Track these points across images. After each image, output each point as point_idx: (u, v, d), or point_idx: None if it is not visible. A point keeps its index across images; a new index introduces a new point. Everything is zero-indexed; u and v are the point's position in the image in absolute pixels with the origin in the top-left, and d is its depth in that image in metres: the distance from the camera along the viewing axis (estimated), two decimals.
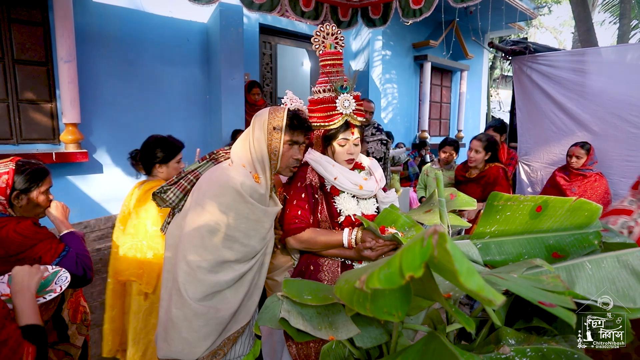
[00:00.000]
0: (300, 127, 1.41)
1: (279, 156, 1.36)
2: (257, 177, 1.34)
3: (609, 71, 3.30)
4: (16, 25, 3.17)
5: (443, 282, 0.85)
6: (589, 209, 0.90)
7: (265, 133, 1.35)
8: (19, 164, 1.43)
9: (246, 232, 1.28)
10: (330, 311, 0.93)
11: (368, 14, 3.83)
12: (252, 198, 1.29)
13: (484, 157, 2.91)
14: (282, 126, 1.35)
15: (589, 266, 0.86)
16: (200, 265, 1.22)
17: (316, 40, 1.58)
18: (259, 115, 1.39)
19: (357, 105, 1.52)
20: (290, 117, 1.38)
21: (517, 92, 4.09)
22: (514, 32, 8.23)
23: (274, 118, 1.36)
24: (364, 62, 5.79)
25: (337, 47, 1.58)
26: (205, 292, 1.22)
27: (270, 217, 1.38)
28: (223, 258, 1.24)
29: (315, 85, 1.57)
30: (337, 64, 1.56)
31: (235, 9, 4.03)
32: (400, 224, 1.37)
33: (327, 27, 1.57)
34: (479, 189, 2.90)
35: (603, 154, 3.24)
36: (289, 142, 1.39)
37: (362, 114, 1.54)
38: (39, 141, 3.37)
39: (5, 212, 1.40)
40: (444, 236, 0.48)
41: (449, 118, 7.82)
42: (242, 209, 1.27)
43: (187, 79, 4.21)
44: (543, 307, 0.61)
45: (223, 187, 1.26)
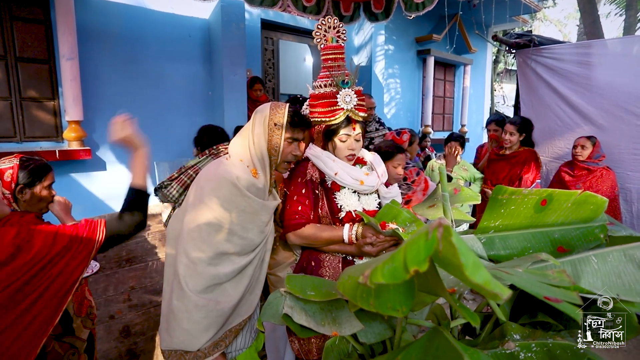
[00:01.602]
0: (301, 124, 1.41)
1: (280, 152, 1.37)
2: (255, 172, 1.35)
3: (615, 63, 3.25)
4: (18, 23, 3.17)
5: (447, 276, 0.84)
6: (595, 202, 0.89)
7: (266, 129, 1.35)
8: (23, 160, 1.49)
9: (244, 224, 1.29)
10: (334, 307, 0.93)
11: (370, 8, 3.79)
12: (249, 191, 1.30)
13: (519, 139, 3.08)
14: (284, 123, 1.35)
15: (594, 260, 0.84)
16: (200, 258, 1.23)
17: (317, 34, 1.55)
18: (259, 111, 1.39)
19: (358, 100, 1.50)
20: (292, 114, 1.38)
21: (522, 86, 4.05)
22: (518, 25, 8.14)
23: (275, 114, 1.36)
24: (366, 56, 5.75)
25: (339, 41, 1.56)
26: (205, 285, 1.24)
27: (268, 210, 1.39)
28: (222, 250, 1.26)
29: (317, 79, 1.55)
30: (339, 58, 1.54)
31: (236, 5, 4.01)
32: (401, 219, 1.36)
33: (328, 21, 1.55)
34: (507, 167, 3.10)
35: (610, 147, 3.20)
36: (289, 139, 1.39)
37: (364, 110, 1.52)
38: (42, 139, 3.38)
39: (10, 207, 1.43)
40: (449, 229, 0.47)
41: (452, 113, 7.77)
42: (238, 202, 1.28)
43: (189, 75, 4.21)
44: (549, 302, 0.60)
45: (220, 180, 1.28)
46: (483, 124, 8.34)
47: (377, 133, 3.47)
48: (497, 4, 4.70)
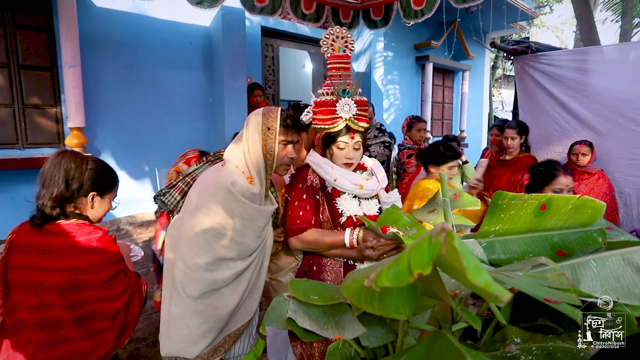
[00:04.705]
0: (295, 126, 1.43)
1: (275, 156, 1.38)
2: (250, 178, 1.36)
3: (612, 70, 3.29)
4: (21, 31, 3.21)
5: (448, 280, 0.86)
6: (593, 206, 0.90)
7: (260, 134, 1.37)
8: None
9: (240, 230, 1.31)
10: (337, 311, 0.94)
11: (369, 15, 3.84)
12: (244, 197, 1.31)
13: (520, 142, 3.12)
14: (276, 127, 1.36)
15: (593, 264, 0.86)
16: (197, 264, 1.25)
17: (325, 43, 1.55)
18: (252, 116, 1.41)
19: (359, 110, 1.50)
20: (284, 117, 1.40)
21: (520, 92, 4.08)
22: (515, 31, 8.22)
23: (267, 119, 1.38)
24: (365, 63, 5.80)
25: (345, 51, 1.56)
26: (202, 290, 1.25)
27: (265, 215, 1.40)
28: (218, 256, 1.27)
29: (322, 87, 1.57)
30: (344, 68, 1.55)
31: (237, 12, 4.05)
32: (401, 223, 1.38)
33: (337, 30, 1.55)
34: (508, 173, 3.11)
35: (607, 152, 3.23)
36: (283, 142, 1.40)
37: (364, 120, 1.52)
38: (44, 145, 3.40)
39: None
40: (451, 234, 0.49)
41: (451, 118, 7.82)
42: (234, 207, 1.29)
43: (190, 82, 4.24)
44: (549, 304, 0.61)
45: (215, 187, 1.29)
46: (482, 129, 8.38)
47: (374, 140, 3.48)
48: (494, 10, 4.75)
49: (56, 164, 1.29)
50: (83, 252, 1.23)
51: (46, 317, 1.19)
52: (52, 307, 1.20)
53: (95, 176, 1.33)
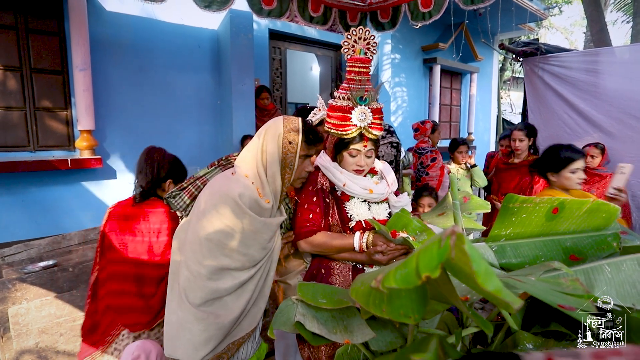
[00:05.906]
0: (316, 140, 1.39)
1: (294, 170, 1.35)
2: (259, 190, 1.32)
3: (623, 71, 3.24)
4: (33, 35, 3.26)
5: (458, 285, 0.84)
6: (607, 210, 0.88)
7: (280, 147, 1.32)
8: None
9: (245, 241, 1.27)
10: (345, 315, 0.93)
11: (377, 17, 3.83)
12: (251, 209, 1.27)
13: (529, 144, 3.09)
14: (299, 141, 1.33)
15: (607, 269, 0.84)
16: (200, 272, 1.23)
17: (346, 44, 1.48)
18: (271, 126, 1.35)
19: (375, 119, 1.47)
20: (306, 131, 1.36)
21: (529, 94, 4.04)
22: (524, 33, 8.15)
23: (289, 132, 1.33)
24: (373, 65, 5.78)
25: (367, 54, 1.49)
26: (204, 298, 1.23)
27: (271, 228, 1.35)
28: (222, 265, 1.24)
29: (339, 89, 1.52)
30: (364, 72, 1.48)
31: (245, 15, 4.08)
32: (411, 228, 1.36)
33: (359, 31, 1.47)
34: (517, 176, 3.07)
35: (619, 155, 3.18)
36: (303, 156, 1.37)
37: (379, 128, 1.49)
38: (55, 148, 3.44)
39: None
40: (461, 237, 0.48)
41: (459, 121, 7.76)
42: (240, 219, 1.26)
43: (198, 84, 4.27)
44: (563, 310, 0.60)
45: (222, 197, 1.27)
46: (490, 132, 8.31)
47: (382, 141, 3.47)
48: (503, 12, 4.71)
49: (149, 156, 1.70)
50: (161, 222, 1.66)
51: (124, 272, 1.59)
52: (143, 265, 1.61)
53: (173, 167, 1.73)
